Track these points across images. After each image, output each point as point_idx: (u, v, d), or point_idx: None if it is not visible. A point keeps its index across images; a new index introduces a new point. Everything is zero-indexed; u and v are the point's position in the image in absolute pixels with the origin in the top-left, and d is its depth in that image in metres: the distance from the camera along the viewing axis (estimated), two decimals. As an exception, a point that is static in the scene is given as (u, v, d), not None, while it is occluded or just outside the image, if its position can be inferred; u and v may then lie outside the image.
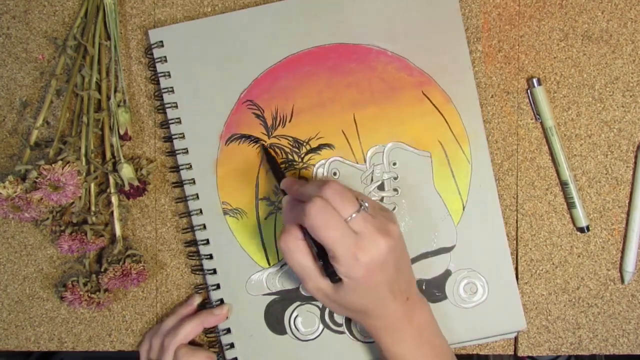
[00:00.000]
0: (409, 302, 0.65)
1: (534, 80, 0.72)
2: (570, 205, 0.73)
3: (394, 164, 0.73)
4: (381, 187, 0.73)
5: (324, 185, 0.61)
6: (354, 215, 0.59)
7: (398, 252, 0.62)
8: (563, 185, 0.73)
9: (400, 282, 0.63)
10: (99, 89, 0.75)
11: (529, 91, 0.73)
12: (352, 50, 0.73)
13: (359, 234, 0.59)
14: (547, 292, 0.74)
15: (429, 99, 0.73)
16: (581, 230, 0.73)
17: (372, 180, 0.74)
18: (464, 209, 0.73)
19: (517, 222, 0.74)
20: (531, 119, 0.73)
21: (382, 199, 0.73)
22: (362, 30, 0.73)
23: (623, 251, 0.73)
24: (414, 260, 0.73)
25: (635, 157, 0.73)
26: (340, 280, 0.60)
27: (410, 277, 0.66)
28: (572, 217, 0.73)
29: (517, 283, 0.74)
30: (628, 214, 0.73)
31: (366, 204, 0.61)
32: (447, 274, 0.74)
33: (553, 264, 0.74)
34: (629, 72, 0.73)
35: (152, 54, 0.75)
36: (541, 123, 0.73)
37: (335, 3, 0.73)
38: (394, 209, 0.73)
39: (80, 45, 0.74)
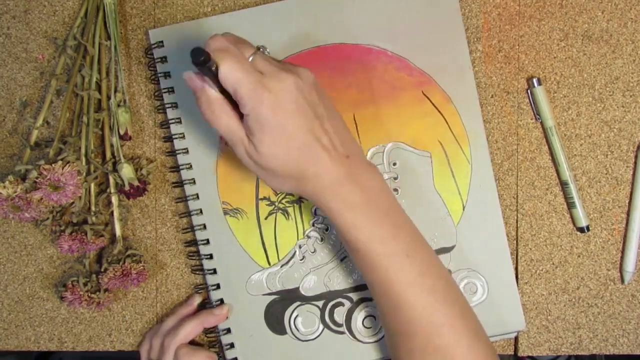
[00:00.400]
0: (351, 161, 0.60)
1: (534, 80, 0.72)
2: (570, 205, 0.73)
3: (394, 164, 0.73)
4: (381, 187, 0.73)
5: (216, 35, 0.57)
6: (252, 56, 0.57)
7: (311, 95, 0.58)
8: (563, 185, 0.73)
9: (330, 133, 0.59)
10: (99, 89, 0.75)
11: (529, 91, 0.73)
12: (353, 50, 0.73)
13: (263, 73, 0.56)
14: (547, 292, 0.74)
15: (429, 99, 0.73)
16: (581, 230, 0.73)
17: (372, 180, 0.74)
18: (464, 209, 0.73)
19: (517, 222, 0.74)
20: (531, 119, 0.73)
21: (382, 199, 0.73)
22: (362, 30, 0.73)
23: (623, 251, 0.73)
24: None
25: (636, 157, 0.73)
26: (196, 51, 0.52)
27: (345, 134, 0.62)
28: (572, 217, 0.73)
29: (517, 283, 0.74)
30: (628, 214, 0.73)
31: (267, 49, 0.58)
32: (446, 274, 0.74)
33: (553, 263, 0.74)
34: (629, 72, 0.73)
35: (152, 54, 0.75)
36: (541, 123, 0.73)
37: (336, 3, 0.73)
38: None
39: (80, 45, 0.74)
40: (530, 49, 0.73)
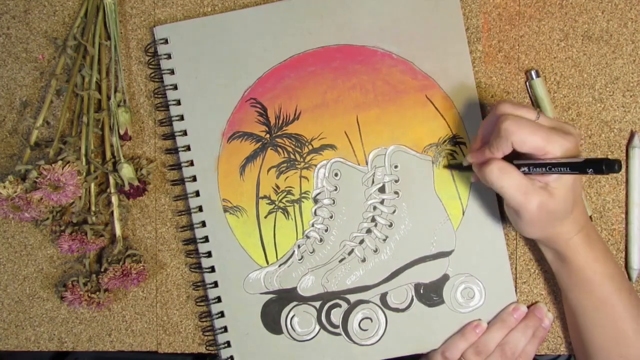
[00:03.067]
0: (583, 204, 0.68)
1: (533, 72, 0.72)
2: None
3: (396, 166, 0.73)
4: (382, 190, 0.73)
5: (498, 105, 0.63)
6: (538, 116, 0.62)
7: None
8: None
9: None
10: (99, 89, 0.75)
11: (527, 83, 0.73)
12: (357, 51, 0.73)
13: (553, 127, 0.61)
14: (546, 292, 0.74)
15: (432, 103, 0.73)
16: None
17: (373, 182, 0.74)
18: (463, 214, 0.73)
19: (516, 222, 0.74)
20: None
21: (382, 202, 0.73)
22: (367, 32, 0.73)
23: (626, 250, 0.73)
24: (413, 263, 0.73)
25: (626, 152, 0.73)
26: (620, 163, 0.56)
27: None
28: None
29: (516, 283, 0.74)
30: (626, 211, 0.73)
31: (538, 109, 0.63)
32: (445, 278, 0.74)
33: (552, 264, 0.74)
34: (629, 72, 0.72)
35: (152, 52, 0.75)
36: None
37: (341, 4, 0.73)
38: (394, 212, 0.73)
39: (80, 45, 0.74)
40: (530, 49, 0.73)
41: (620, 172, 0.72)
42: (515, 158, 0.62)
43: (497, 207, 0.73)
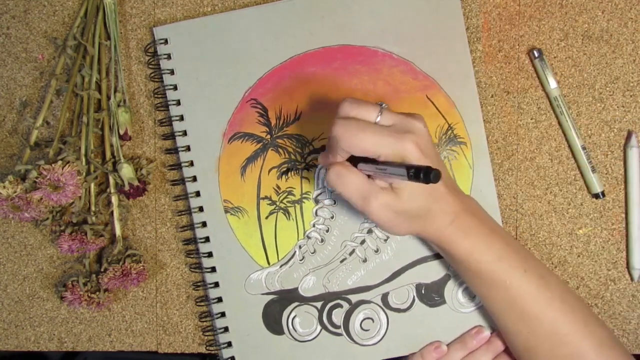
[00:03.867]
0: (459, 194, 0.65)
1: (535, 52, 0.72)
2: (586, 171, 0.72)
3: (396, 167, 0.73)
4: (382, 189, 0.73)
5: (339, 106, 0.61)
6: (379, 116, 0.60)
7: (431, 139, 0.62)
8: (576, 152, 0.72)
9: (446, 172, 0.64)
10: (99, 89, 0.75)
11: (534, 61, 0.72)
12: (358, 52, 0.73)
13: (393, 126, 0.60)
14: (547, 292, 0.74)
15: (433, 103, 0.73)
16: (596, 196, 0.73)
17: (373, 181, 0.74)
18: (464, 213, 0.73)
19: (516, 221, 0.74)
20: (531, 119, 0.73)
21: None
22: (368, 32, 0.73)
23: (627, 250, 0.73)
24: (414, 263, 0.73)
25: (624, 152, 0.73)
26: (436, 173, 0.53)
27: (447, 171, 0.67)
28: (586, 185, 0.73)
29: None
30: (626, 212, 0.73)
31: (384, 104, 0.61)
32: (446, 278, 0.74)
33: (552, 263, 0.74)
34: (629, 72, 0.73)
35: (152, 52, 0.75)
36: (547, 94, 0.73)
37: (342, 4, 0.73)
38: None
39: (80, 45, 0.74)
40: (530, 49, 0.73)
41: (621, 172, 0.72)
42: (365, 159, 0.61)
43: (498, 207, 0.73)
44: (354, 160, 0.62)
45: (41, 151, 0.75)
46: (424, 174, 0.52)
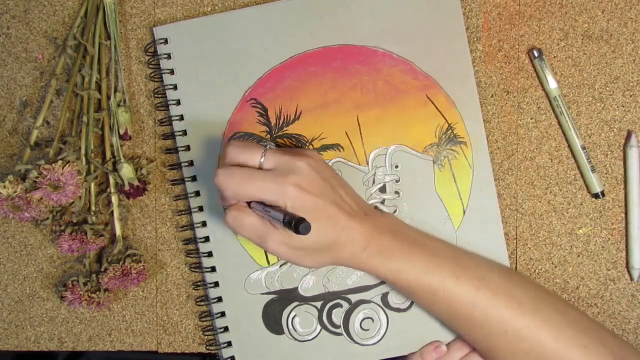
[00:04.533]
0: (370, 216, 0.66)
1: (534, 52, 0.72)
2: (585, 171, 0.72)
3: (396, 166, 0.73)
4: (383, 190, 0.73)
5: (223, 151, 0.63)
6: (262, 158, 0.61)
7: (325, 171, 0.63)
8: (575, 152, 0.72)
9: (347, 200, 0.64)
10: (99, 89, 0.75)
11: (534, 61, 0.72)
12: (358, 51, 0.73)
13: (276, 169, 0.61)
14: (547, 292, 0.74)
15: (433, 103, 0.73)
16: (596, 196, 0.73)
17: (373, 182, 0.74)
18: (464, 214, 0.73)
19: (516, 221, 0.74)
20: (531, 119, 0.73)
21: (383, 202, 0.73)
22: (368, 32, 0.73)
23: (627, 249, 0.73)
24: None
25: (624, 152, 0.73)
26: (300, 220, 0.56)
27: (357, 198, 0.67)
28: (586, 185, 0.73)
29: (517, 283, 0.74)
30: (626, 212, 0.73)
31: (271, 143, 0.63)
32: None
33: (552, 263, 0.74)
34: (629, 72, 0.73)
35: (152, 51, 0.75)
36: (546, 94, 0.73)
37: (342, 4, 0.73)
38: (395, 211, 0.73)
39: (80, 45, 0.74)
40: (530, 49, 0.73)
41: (621, 172, 0.72)
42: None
43: (498, 207, 0.73)
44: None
45: (41, 151, 0.75)
46: (295, 225, 0.55)
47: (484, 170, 0.73)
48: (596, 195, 0.73)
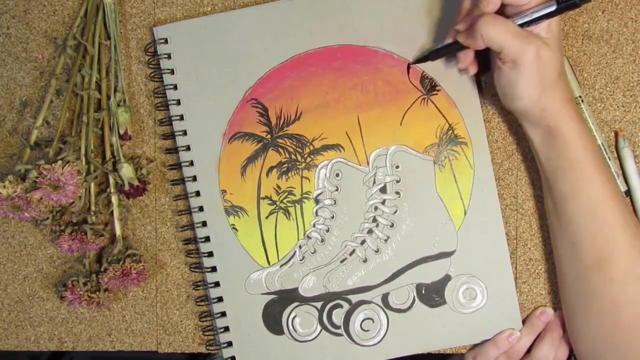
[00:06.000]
0: None
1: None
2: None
3: (397, 167, 0.73)
4: (383, 190, 0.73)
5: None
6: None
7: None
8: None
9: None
10: (99, 89, 0.75)
11: None
12: (358, 52, 0.73)
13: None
14: (546, 292, 0.74)
15: (433, 103, 0.73)
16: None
17: (374, 182, 0.74)
18: (465, 214, 0.73)
19: (516, 221, 0.74)
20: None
21: (384, 202, 0.73)
22: (368, 32, 0.73)
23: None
24: (414, 264, 0.74)
25: (618, 155, 0.72)
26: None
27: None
28: None
29: (515, 282, 0.74)
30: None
31: None
32: (446, 278, 0.74)
33: (552, 263, 0.74)
34: (629, 72, 0.72)
35: (152, 51, 0.75)
36: None
37: (342, 4, 0.73)
38: (395, 212, 0.73)
39: (80, 45, 0.74)
40: (531, 49, 0.73)
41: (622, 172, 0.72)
42: None
43: (499, 207, 0.73)
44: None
45: (41, 151, 0.75)
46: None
47: (485, 171, 0.73)
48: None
